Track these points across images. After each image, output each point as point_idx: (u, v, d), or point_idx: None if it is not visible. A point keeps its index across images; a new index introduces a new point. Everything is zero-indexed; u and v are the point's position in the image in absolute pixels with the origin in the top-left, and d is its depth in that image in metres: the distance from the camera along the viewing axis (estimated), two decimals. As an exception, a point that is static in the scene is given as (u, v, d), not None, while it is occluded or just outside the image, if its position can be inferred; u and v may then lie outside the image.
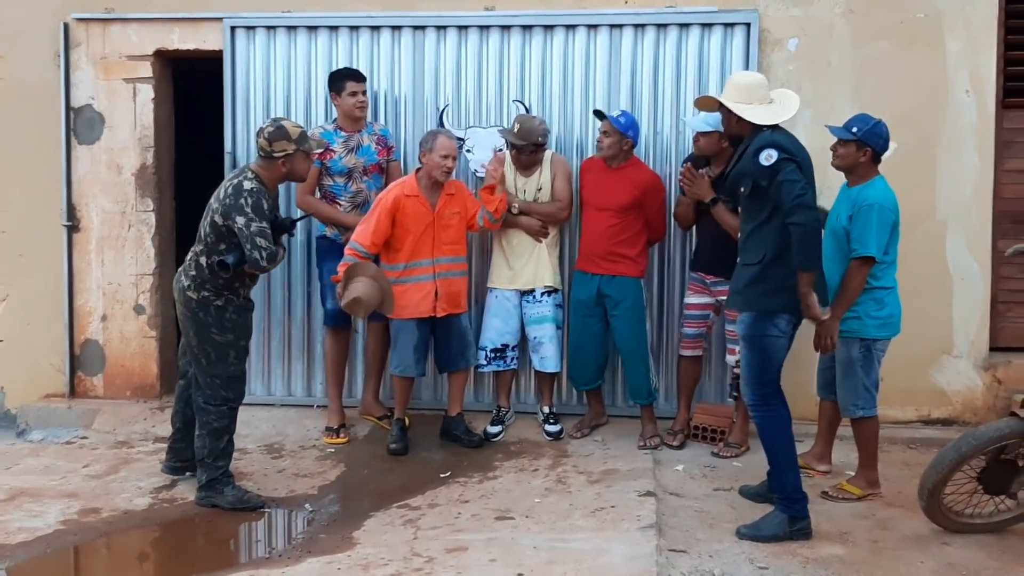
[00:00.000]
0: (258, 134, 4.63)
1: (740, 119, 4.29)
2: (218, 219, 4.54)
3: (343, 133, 5.54)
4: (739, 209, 4.49)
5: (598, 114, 5.42)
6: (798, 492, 4.25)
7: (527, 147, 5.38)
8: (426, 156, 5.24)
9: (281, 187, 5.88)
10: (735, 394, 5.31)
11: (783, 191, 4.08)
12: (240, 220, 4.47)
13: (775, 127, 4.28)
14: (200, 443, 4.70)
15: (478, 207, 5.43)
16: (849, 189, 4.64)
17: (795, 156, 4.14)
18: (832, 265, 4.61)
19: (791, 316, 4.24)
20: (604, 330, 5.46)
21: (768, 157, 4.10)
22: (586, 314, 5.44)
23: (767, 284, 4.20)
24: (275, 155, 4.58)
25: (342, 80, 5.50)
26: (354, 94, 5.46)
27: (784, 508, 4.25)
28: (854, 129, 4.55)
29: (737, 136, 4.38)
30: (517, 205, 5.47)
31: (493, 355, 5.60)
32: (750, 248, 4.29)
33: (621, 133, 5.26)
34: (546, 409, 5.68)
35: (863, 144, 4.53)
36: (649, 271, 5.63)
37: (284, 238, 4.85)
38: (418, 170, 5.35)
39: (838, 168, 4.68)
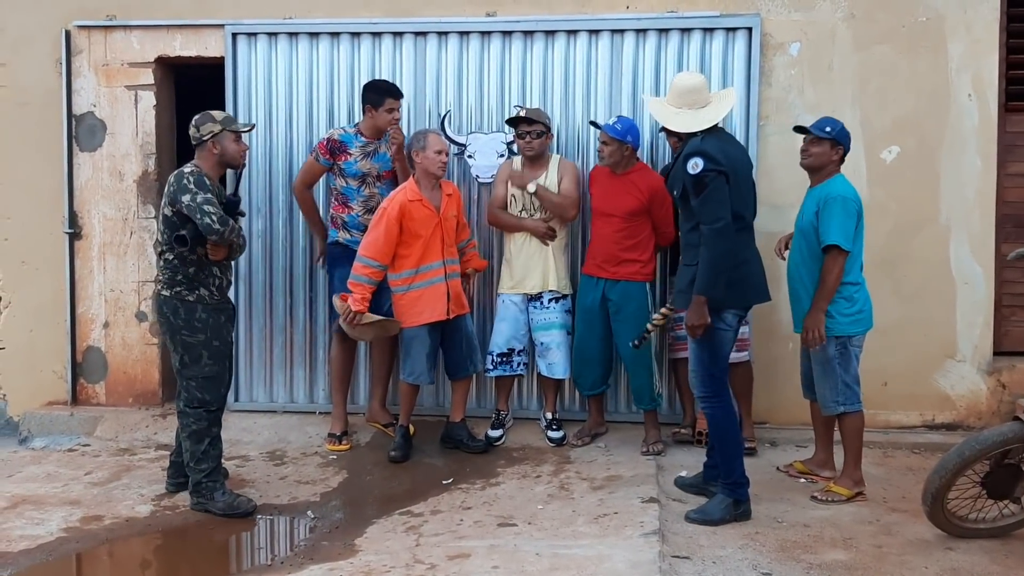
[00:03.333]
0: (190, 125, 4.70)
1: None
2: (167, 211, 4.58)
3: (363, 139, 5.50)
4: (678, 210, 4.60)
5: (594, 124, 5.45)
6: (743, 477, 4.48)
7: (537, 127, 5.39)
8: (420, 155, 5.23)
9: (280, 186, 5.94)
10: None
11: (704, 211, 4.23)
12: (186, 198, 4.50)
13: (713, 129, 4.37)
14: (183, 446, 4.71)
15: (464, 221, 5.53)
16: (812, 189, 4.75)
17: (721, 166, 4.20)
18: (801, 264, 4.73)
19: (736, 310, 4.43)
20: (609, 334, 5.45)
21: (694, 166, 4.20)
22: (591, 318, 5.43)
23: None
24: (204, 138, 4.64)
25: (382, 96, 5.41)
26: (391, 111, 5.40)
27: (730, 492, 4.45)
28: (827, 128, 4.68)
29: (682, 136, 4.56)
30: (535, 184, 5.43)
31: (500, 360, 5.59)
32: (689, 251, 4.42)
33: (619, 140, 5.25)
34: (549, 415, 5.67)
35: (836, 143, 4.67)
36: (650, 276, 5.62)
37: (247, 225, 4.91)
38: (413, 175, 5.33)
39: (807, 167, 4.77)
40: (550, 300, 5.52)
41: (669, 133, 5.16)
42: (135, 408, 6.19)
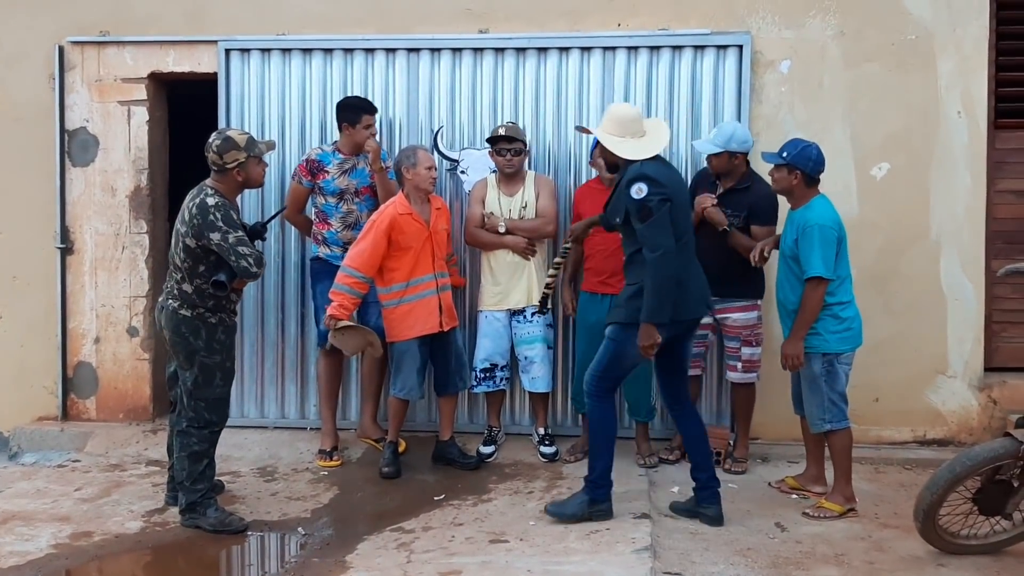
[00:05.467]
0: (206, 150, 4.60)
1: None
2: (190, 242, 4.52)
3: (340, 155, 5.55)
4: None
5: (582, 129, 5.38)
6: (604, 479, 4.62)
7: (516, 144, 5.41)
8: (411, 172, 5.24)
9: (271, 202, 5.95)
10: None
11: (648, 236, 4.28)
12: (215, 236, 4.45)
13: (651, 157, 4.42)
14: (179, 466, 4.67)
15: (449, 236, 5.54)
16: (792, 213, 4.77)
17: (665, 190, 4.28)
18: (784, 287, 4.76)
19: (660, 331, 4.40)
20: None
21: (639, 190, 4.26)
22: (593, 335, 5.38)
23: (641, 302, 4.36)
24: (228, 166, 4.57)
25: (358, 113, 5.46)
26: (369, 126, 5.45)
27: (588, 491, 4.61)
28: (784, 153, 4.70)
29: (614, 164, 4.59)
30: (504, 224, 5.48)
31: (483, 375, 5.58)
32: (632, 271, 4.52)
33: None
34: (541, 431, 5.66)
35: (793, 167, 4.67)
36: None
37: (260, 245, 4.86)
38: (402, 190, 5.34)
39: (778, 192, 4.83)
40: (533, 314, 5.52)
41: (731, 155, 5.11)
42: (126, 424, 6.16)
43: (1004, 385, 5.69)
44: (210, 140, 4.61)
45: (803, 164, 4.65)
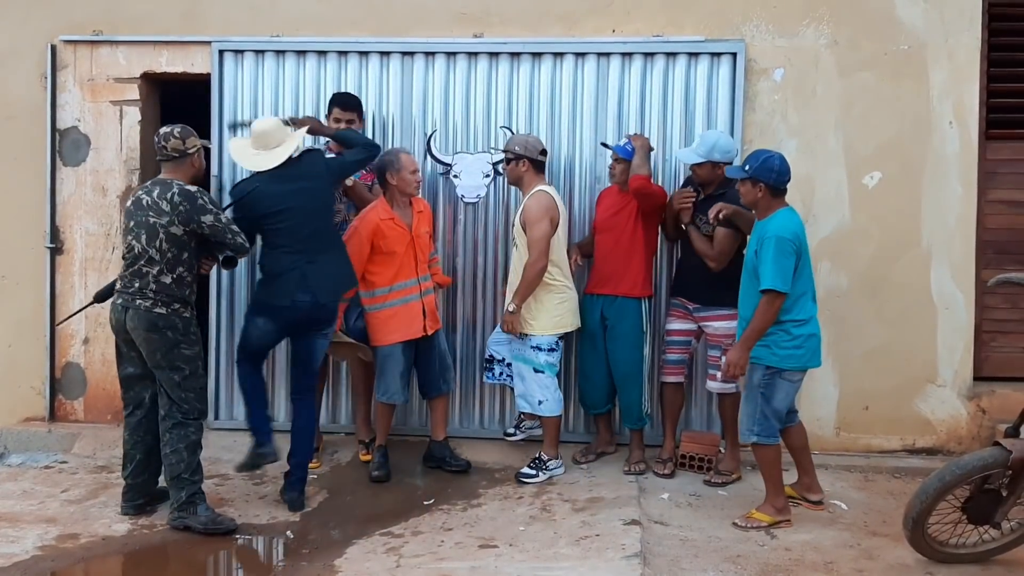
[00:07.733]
0: (164, 140, 4.65)
1: None
2: (176, 230, 4.56)
3: (331, 153, 5.50)
4: None
5: (604, 145, 5.50)
6: (261, 426, 5.04)
7: (507, 154, 5.35)
8: (395, 177, 5.23)
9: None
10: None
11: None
12: (208, 218, 4.57)
13: (265, 171, 4.89)
14: (177, 458, 4.62)
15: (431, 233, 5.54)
16: (757, 224, 4.74)
17: (240, 200, 4.86)
18: (747, 298, 4.70)
19: (264, 317, 4.96)
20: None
21: (229, 196, 4.93)
22: (593, 338, 5.42)
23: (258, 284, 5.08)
24: (190, 152, 4.69)
25: (330, 105, 5.48)
26: (338, 120, 5.42)
27: (252, 438, 5.05)
28: (746, 167, 4.67)
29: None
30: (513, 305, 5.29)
31: (485, 364, 5.61)
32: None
33: (629, 160, 5.30)
34: (539, 455, 5.43)
35: (756, 180, 4.63)
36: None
37: None
38: (385, 193, 5.32)
39: (746, 205, 4.79)
40: (522, 334, 5.33)
41: (714, 165, 5.18)
42: (113, 425, 6.11)
43: (993, 394, 5.70)
44: (167, 131, 4.70)
45: (766, 176, 4.60)
